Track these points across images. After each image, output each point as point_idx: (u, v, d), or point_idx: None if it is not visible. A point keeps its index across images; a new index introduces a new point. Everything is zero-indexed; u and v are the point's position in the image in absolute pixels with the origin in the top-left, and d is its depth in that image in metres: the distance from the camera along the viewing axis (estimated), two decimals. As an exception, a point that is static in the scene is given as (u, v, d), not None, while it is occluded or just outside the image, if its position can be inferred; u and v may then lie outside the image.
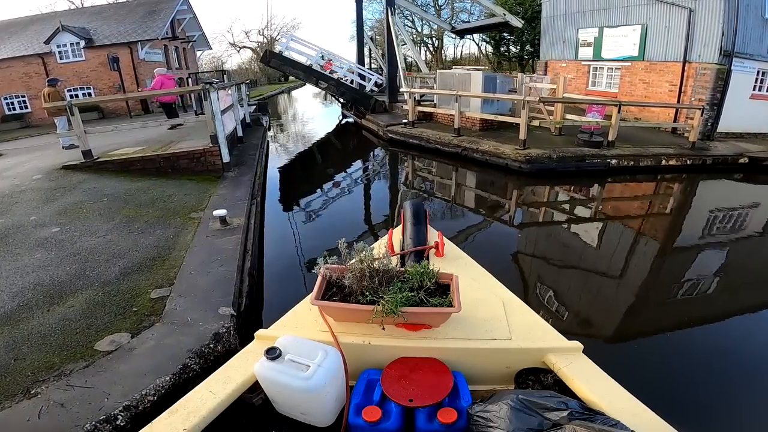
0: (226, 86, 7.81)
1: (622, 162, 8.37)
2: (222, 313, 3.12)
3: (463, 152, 9.04)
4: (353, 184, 8.88)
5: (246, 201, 5.65)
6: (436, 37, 39.23)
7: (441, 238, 2.53)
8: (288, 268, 5.05)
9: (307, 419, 1.57)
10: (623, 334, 3.83)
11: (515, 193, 7.69)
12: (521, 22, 14.80)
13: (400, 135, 10.97)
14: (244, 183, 6.47)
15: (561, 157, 8.06)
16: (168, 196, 5.85)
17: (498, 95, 9.40)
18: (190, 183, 6.42)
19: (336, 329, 1.75)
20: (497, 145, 8.61)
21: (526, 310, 1.95)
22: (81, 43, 20.38)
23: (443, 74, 11.96)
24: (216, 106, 6.44)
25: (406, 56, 26.84)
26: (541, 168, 7.94)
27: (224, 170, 7.00)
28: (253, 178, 6.84)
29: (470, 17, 36.54)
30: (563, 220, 6.74)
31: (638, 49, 11.21)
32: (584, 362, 1.62)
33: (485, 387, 1.71)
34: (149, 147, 7.52)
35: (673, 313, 4.12)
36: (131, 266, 3.89)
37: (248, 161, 7.84)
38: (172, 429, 1.36)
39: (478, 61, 38.44)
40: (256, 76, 51.48)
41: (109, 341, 2.73)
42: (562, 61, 14.04)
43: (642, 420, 1.32)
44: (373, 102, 14.93)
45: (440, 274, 1.83)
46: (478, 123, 10.05)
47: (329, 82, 14.85)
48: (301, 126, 19.15)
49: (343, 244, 1.95)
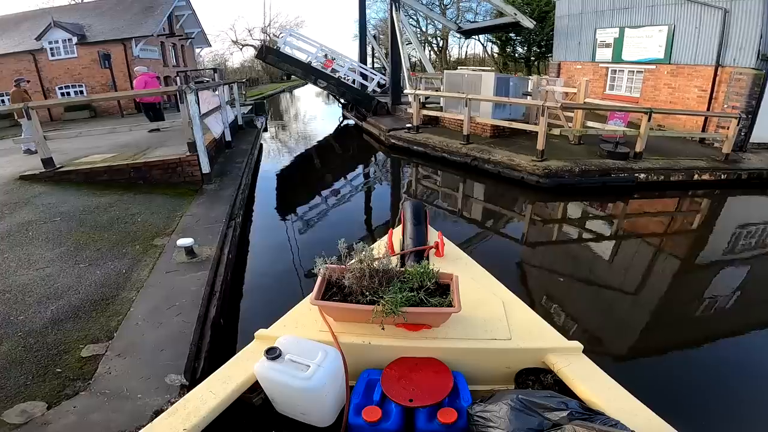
0: (210, 86, 6.99)
1: (651, 176, 7.50)
2: (170, 382, 2.44)
3: (472, 162, 8.19)
4: (351, 192, 8.05)
5: (222, 223, 4.83)
6: (441, 37, 38.32)
7: (441, 238, 2.49)
8: (269, 303, 4.09)
9: (307, 419, 1.56)
10: (623, 334, 3.79)
11: (530, 209, 6.85)
12: (533, 23, 13.86)
13: (403, 141, 10.13)
14: (224, 199, 5.65)
15: (584, 170, 7.20)
16: (131, 216, 5.02)
17: (513, 99, 8.53)
18: (161, 198, 5.59)
19: (336, 329, 1.73)
20: (511, 156, 7.76)
21: (526, 310, 1.93)
22: (73, 39, 19.65)
23: (451, 75, 11.08)
24: (193, 110, 5.63)
25: (411, 56, 26.04)
26: (561, 183, 7.09)
27: (204, 182, 6.18)
28: (236, 191, 6.01)
29: (476, 17, 35.76)
30: (581, 238, 5.92)
31: (664, 51, 10.32)
32: (584, 362, 1.61)
33: (485, 387, 1.70)
34: (121, 154, 6.71)
35: (677, 316, 4.06)
36: (66, 311, 3.12)
37: (233, 170, 7.01)
38: (172, 429, 1.34)
39: (483, 62, 37.58)
40: (259, 75, 50.83)
41: (19, 411, 2.20)
42: (577, 63, 13.17)
43: (642, 420, 1.31)
44: (375, 104, 14.09)
45: (440, 274, 1.82)
46: (489, 129, 9.20)
47: (329, 81, 14.00)
48: (299, 127, 18.30)
49: (342, 245, 1.94)
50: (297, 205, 7.29)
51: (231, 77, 46.60)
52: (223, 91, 8.23)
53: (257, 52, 13.16)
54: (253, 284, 4.68)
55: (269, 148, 12.84)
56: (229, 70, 50.99)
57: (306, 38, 15.57)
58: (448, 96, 10.00)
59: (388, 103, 14.30)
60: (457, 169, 8.56)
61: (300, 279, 4.62)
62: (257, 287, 4.62)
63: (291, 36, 14.32)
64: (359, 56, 19.47)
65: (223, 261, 4.30)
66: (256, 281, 4.73)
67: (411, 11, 28.15)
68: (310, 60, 14.33)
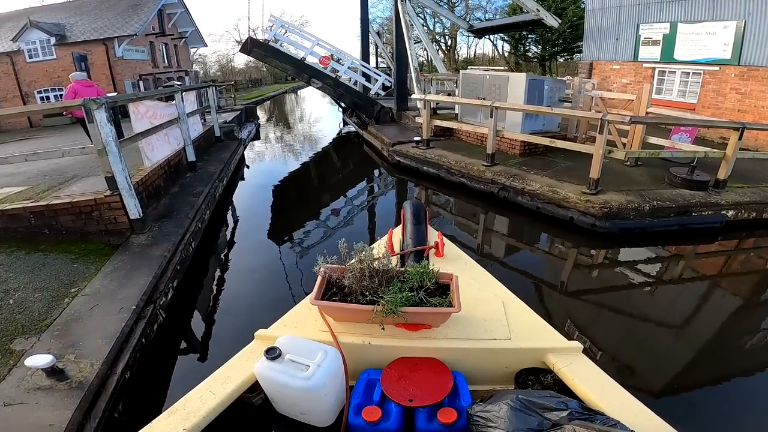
0: (148, 96, 5.20)
1: (741, 213, 5.63)
2: None
3: (501, 193, 6.33)
4: (339, 230, 6.17)
5: (130, 313, 3.07)
6: (450, 36, 36.38)
7: (441, 238, 2.46)
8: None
9: (307, 419, 1.55)
10: (624, 335, 3.53)
11: (589, 276, 5.01)
12: (558, 21, 11.90)
13: (410, 159, 8.30)
14: (153, 260, 3.88)
15: (655, 208, 5.34)
16: (4, 294, 3.32)
17: (560, 110, 6.55)
18: (60, 260, 3.85)
19: (336, 329, 1.73)
20: (554, 185, 5.90)
21: (526, 310, 1.91)
22: (51, 40, 18.13)
23: (469, 76, 9.15)
24: (106, 133, 3.87)
25: (418, 54, 24.18)
26: (627, 227, 5.23)
27: (134, 230, 4.43)
28: (175, 247, 4.25)
29: (485, 15, 33.84)
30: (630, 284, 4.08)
31: (731, 50, 8.40)
32: (584, 362, 1.60)
33: (485, 387, 1.69)
34: (29, 189, 5.00)
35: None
36: None
37: (184, 208, 5.25)
38: (172, 429, 1.33)
39: (492, 62, 35.59)
40: (262, 75, 49.25)
41: None
42: (614, 63, 11.27)
43: (642, 420, 1.30)
44: (377, 109, 12.28)
45: (440, 274, 1.81)
46: (518, 146, 7.36)
47: (324, 81, 12.18)
48: (297, 134, 16.44)
49: (342, 245, 1.89)
50: (265, 248, 5.51)
51: (235, 78, 45.30)
52: (182, 100, 6.48)
53: (241, 46, 11.35)
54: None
55: (256, 161, 11.08)
56: (235, 70, 49.67)
57: (300, 30, 13.85)
58: (467, 103, 8.15)
59: (392, 108, 12.49)
60: (479, 200, 6.66)
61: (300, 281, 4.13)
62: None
63: (283, 27, 12.50)
64: (361, 54, 17.71)
65: (111, 386, 2.56)
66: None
67: (417, 9, 26.27)
68: (304, 56, 12.56)
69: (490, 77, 8.13)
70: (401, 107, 12.29)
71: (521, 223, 6.03)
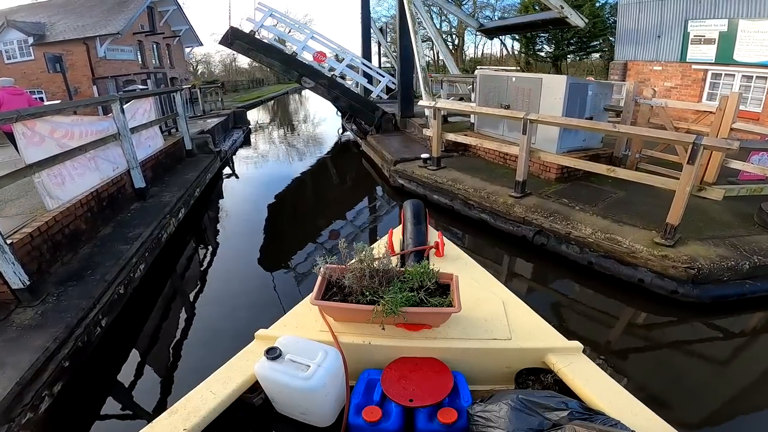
0: (55, 109, 3.74)
1: None
2: None
3: (537, 239, 4.78)
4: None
5: None
6: (456, 35, 34.78)
7: (441, 238, 2.42)
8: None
9: (307, 419, 1.54)
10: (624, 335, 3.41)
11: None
12: (585, 21, 10.22)
13: (416, 183, 6.78)
14: (24, 354, 2.42)
15: (756, 265, 3.81)
16: None
17: (622, 128, 4.65)
18: None
19: (336, 329, 1.72)
20: (611, 230, 4.36)
21: (526, 310, 1.89)
22: (29, 40, 16.84)
23: (488, 78, 7.55)
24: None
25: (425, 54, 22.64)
26: (721, 294, 3.69)
27: (20, 303, 2.99)
28: (68, 332, 2.79)
29: (494, 13, 32.24)
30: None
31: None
32: (584, 362, 1.59)
33: (485, 387, 1.68)
34: None
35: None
36: None
37: (106, 262, 3.80)
38: (172, 429, 1.33)
39: (501, 61, 33.95)
40: (265, 75, 47.92)
41: None
42: (655, 63, 9.70)
43: (642, 420, 1.29)
44: (379, 115, 10.77)
45: (440, 274, 1.80)
46: (554, 168, 5.83)
47: (317, 80, 10.62)
48: (288, 143, 14.91)
49: (342, 244, 1.89)
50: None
51: (238, 77, 43.91)
52: (121, 110, 5.03)
53: (221, 38, 9.84)
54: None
55: (241, 175, 9.62)
56: (239, 71, 48.43)
57: (291, 20, 12.34)
58: (489, 114, 6.61)
59: (395, 114, 10.99)
60: (507, 245, 5.09)
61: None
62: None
63: (273, 17, 10.97)
64: (362, 52, 16.23)
65: None
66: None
67: (424, 6, 24.75)
68: (295, 50, 11.03)
69: (516, 80, 6.58)
70: (406, 113, 10.78)
71: (566, 280, 4.44)
